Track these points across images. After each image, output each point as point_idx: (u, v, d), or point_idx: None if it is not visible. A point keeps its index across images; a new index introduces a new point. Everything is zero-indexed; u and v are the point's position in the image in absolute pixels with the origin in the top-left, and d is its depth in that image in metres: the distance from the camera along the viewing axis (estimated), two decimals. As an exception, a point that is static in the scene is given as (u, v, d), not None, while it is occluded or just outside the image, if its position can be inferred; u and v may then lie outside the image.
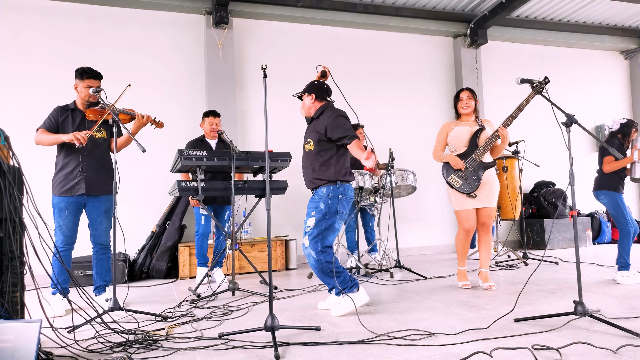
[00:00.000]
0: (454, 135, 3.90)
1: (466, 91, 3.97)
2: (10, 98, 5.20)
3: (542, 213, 6.88)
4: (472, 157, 3.78)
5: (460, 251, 3.97)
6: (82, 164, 3.50)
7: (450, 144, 3.95)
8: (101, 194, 3.57)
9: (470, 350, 2.19)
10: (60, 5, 5.49)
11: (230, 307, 3.38)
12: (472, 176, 3.76)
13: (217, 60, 5.86)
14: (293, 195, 5.89)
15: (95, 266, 3.63)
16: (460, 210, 3.81)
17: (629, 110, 8.10)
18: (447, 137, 3.95)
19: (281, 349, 2.33)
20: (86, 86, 3.51)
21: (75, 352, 2.33)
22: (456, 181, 3.78)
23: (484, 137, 3.82)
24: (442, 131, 4.00)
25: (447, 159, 3.84)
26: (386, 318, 2.90)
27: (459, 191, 3.77)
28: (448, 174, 3.83)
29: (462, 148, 3.87)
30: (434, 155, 3.99)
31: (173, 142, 5.42)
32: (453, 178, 3.80)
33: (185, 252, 5.06)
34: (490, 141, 3.75)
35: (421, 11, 6.65)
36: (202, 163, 3.82)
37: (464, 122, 3.95)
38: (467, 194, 3.75)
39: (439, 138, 3.99)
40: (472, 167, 3.77)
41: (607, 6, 6.86)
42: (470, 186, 3.75)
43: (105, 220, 3.60)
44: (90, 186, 3.52)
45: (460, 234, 3.90)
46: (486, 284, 3.83)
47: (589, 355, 2.08)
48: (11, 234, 2.17)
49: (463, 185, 3.76)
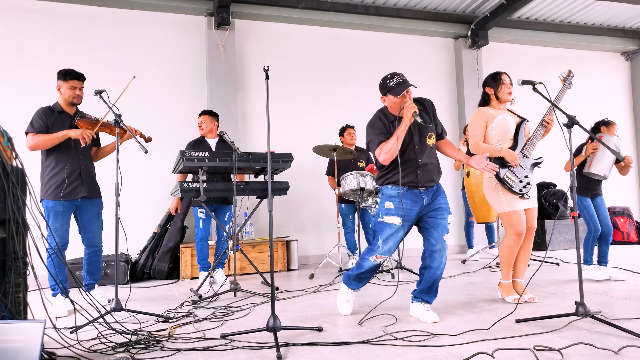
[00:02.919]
0: (498, 125, 3.29)
1: (506, 74, 3.39)
2: (12, 99, 5.21)
3: (543, 214, 6.88)
4: (522, 153, 3.27)
5: (508, 262, 3.31)
6: (81, 167, 3.56)
7: (492, 135, 3.31)
8: (97, 197, 3.69)
9: (472, 350, 2.20)
10: (62, 7, 5.51)
11: (232, 308, 3.39)
12: (525, 174, 3.26)
13: (218, 62, 5.87)
14: (294, 196, 5.91)
15: (87, 265, 3.70)
16: (513, 211, 3.21)
17: (630, 111, 8.11)
18: (486, 126, 3.32)
19: (283, 350, 2.33)
20: (70, 87, 3.56)
21: (78, 353, 2.33)
22: (512, 180, 3.22)
23: (527, 131, 3.36)
24: (479, 119, 3.33)
25: (502, 154, 3.20)
26: (387, 319, 2.91)
27: (513, 192, 3.22)
28: (502, 171, 3.22)
29: (507, 141, 3.31)
30: (476, 147, 3.30)
31: (175, 143, 5.43)
32: (508, 176, 3.21)
33: (187, 253, 5.06)
34: (538, 134, 3.29)
35: (422, 12, 6.67)
36: (204, 164, 3.82)
37: (501, 110, 3.38)
38: (521, 196, 3.24)
39: (477, 127, 3.31)
40: (524, 164, 3.27)
41: (607, 7, 6.87)
42: (524, 185, 3.25)
43: (97, 221, 3.68)
44: (90, 189, 3.60)
45: (511, 239, 3.25)
46: (527, 296, 3.27)
47: (590, 356, 2.08)
48: (14, 235, 2.17)
49: (517, 186, 3.23)
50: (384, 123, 2.89)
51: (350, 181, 4.62)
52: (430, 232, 2.86)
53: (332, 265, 5.48)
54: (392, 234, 2.83)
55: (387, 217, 2.83)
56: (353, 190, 4.66)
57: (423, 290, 2.91)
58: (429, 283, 2.88)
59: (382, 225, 2.84)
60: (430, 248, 2.86)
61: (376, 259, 2.88)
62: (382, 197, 2.90)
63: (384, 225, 2.84)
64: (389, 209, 2.83)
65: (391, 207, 2.82)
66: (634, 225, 7.30)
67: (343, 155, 5.10)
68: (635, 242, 7.21)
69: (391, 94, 2.84)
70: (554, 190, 6.96)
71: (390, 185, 2.88)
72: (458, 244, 6.89)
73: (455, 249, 6.86)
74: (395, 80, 2.84)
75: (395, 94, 2.81)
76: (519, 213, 3.22)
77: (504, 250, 3.31)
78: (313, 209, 6.20)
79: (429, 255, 2.86)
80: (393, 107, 2.88)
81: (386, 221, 2.83)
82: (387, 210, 2.83)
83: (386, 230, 2.83)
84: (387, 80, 2.87)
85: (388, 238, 2.84)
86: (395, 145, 2.75)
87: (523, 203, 3.26)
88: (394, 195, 2.84)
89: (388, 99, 2.90)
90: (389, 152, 2.77)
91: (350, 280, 3.06)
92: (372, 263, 2.90)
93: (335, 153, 5.01)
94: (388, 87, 2.86)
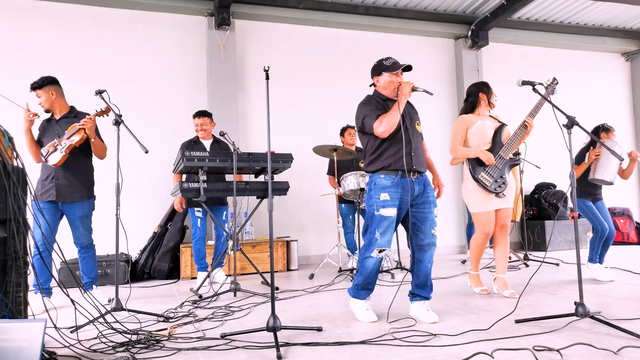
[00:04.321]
0: (477, 130, 3.54)
1: None
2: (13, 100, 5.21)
3: (543, 215, 6.89)
4: (499, 155, 3.49)
5: (476, 257, 3.68)
6: (55, 170, 3.61)
7: (472, 139, 3.56)
8: (73, 201, 3.65)
9: (472, 351, 2.20)
10: (62, 7, 5.52)
11: (232, 308, 3.39)
12: (500, 174, 3.48)
13: (219, 62, 5.88)
14: (294, 196, 5.91)
15: (80, 265, 3.79)
16: (481, 212, 3.49)
17: (630, 111, 8.11)
18: (467, 132, 3.58)
19: (283, 350, 2.33)
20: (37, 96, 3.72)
21: (78, 352, 2.34)
22: (487, 179, 3.44)
23: (506, 134, 3.58)
24: (461, 125, 3.60)
25: (477, 154, 3.45)
26: (387, 319, 2.91)
27: (489, 190, 3.44)
28: (477, 171, 3.47)
29: (485, 145, 3.55)
30: (454, 151, 3.59)
31: (175, 143, 5.43)
32: (483, 176, 3.44)
33: (187, 252, 5.07)
34: (517, 136, 3.49)
35: (422, 13, 6.67)
36: (204, 164, 3.83)
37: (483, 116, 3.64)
38: (497, 194, 3.46)
39: (458, 133, 3.59)
40: (499, 165, 3.49)
41: (608, 8, 6.87)
42: (499, 185, 3.46)
43: (82, 225, 3.70)
44: (61, 193, 3.61)
45: (479, 238, 3.57)
46: (507, 291, 3.49)
47: (590, 357, 2.08)
48: (15, 234, 2.18)
49: (492, 185, 3.45)
50: (377, 101, 2.94)
51: (350, 181, 4.62)
52: (419, 227, 2.86)
53: (332, 266, 5.48)
54: (389, 225, 2.81)
55: (384, 209, 2.79)
56: (353, 191, 4.67)
57: (419, 285, 2.92)
58: (423, 277, 2.90)
59: (379, 218, 2.80)
60: (419, 242, 2.86)
61: (377, 252, 2.82)
62: (376, 188, 2.84)
63: (381, 218, 2.80)
64: (385, 200, 2.79)
65: (387, 199, 2.79)
66: (633, 225, 7.31)
67: (343, 156, 5.11)
68: (635, 243, 7.21)
69: (386, 71, 2.90)
70: (554, 191, 6.97)
71: (383, 175, 2.84)
72: (458, 244, 6.90)
73: (455, 249, 6.87)
74: (392, 60, 2.94)
75: (392, 70, 2.88)
76: (488, 214, 3.48)
77: (472, 246, 3.65)
78: (313, 209, 6.21)
79: (418, 249, 2.87)
80: (387, 86, 2.92)
81: (383, 214, 2.79)
82: (384, 202, 2.79)
83: (383, 222, 2.80)
84: (382, 60, 2.95)
85: (385, 230, 2.80)
86: (396, 115, 2.76)
87: (496, 203, 3.48)
88: (388, 186, 2.81)
89: (382, 77, 2.94)
90: (389, 124, 2.77)
91: (359, 291, 2.96)
92: (375, 259, 2.83)
93: (336, 153, 5.01)
94: (384, 65, 2.92)
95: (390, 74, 2.89)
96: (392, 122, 2.77)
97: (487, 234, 3.51)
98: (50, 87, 3.67)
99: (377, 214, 2.82)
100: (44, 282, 3.57)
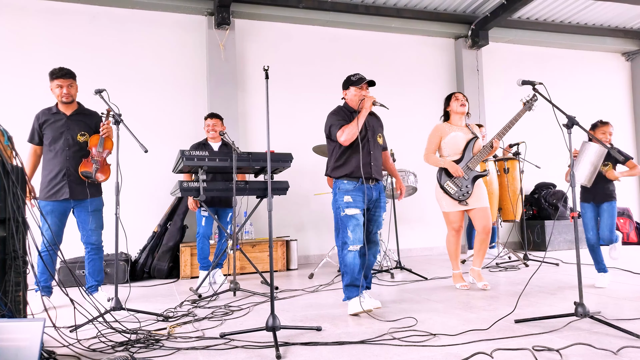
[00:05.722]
0: (450, 141, 3.88)
1: (459, 93, 4.04)
2: (12, 99, 5.21)
3: (543, 214, 6.89)
4: (467, 166, 3.82)
5: (453, 253, 3.98)
6: (66, 168, 3.55)
7: (445, 148, 3.91)
8: (86, 197, 3.60)
9: (471, 351, 2.20)
10: (62, 6, 5.51)
11: (232, 307, 3.39)
12: (466, 184, 3.81)
13: (218, 61, 5.87)
14: (294, 196, 5.91)
15: (87, 266, 3.70)
16: (450, 212, 3.88)
17: (630, 111, 8.11)
18: (440, 141, 3.92)
19: (282, 349, 2.33)
20: (56, 86, 3.58)
21: (77, 352, 2.34)
22: (452, 188, 3.83)
23: (477, 146, 3.88)
24: (435, 134, 3.95)
25: (446, 165, 3.82)
26: (387, 319, 2.91)
27: (452, 198, 3.83)
28: (444, 179, 3.86)
29: (456, 155, 3.88)
30: (427, 158, 3.96)
31: (175, 143, 5.44)
32: (449, 185, 3.83)
33: (187, 252, 5.07)
34: (485, 151, 3.82)
35: (422, 13, 6.66)
36: (203, 163, 3.83)
37: (457, 126, 3.94)
38: (459, 202, 3.82)
39: (432, 141, 3.94)
40: (467, 175, 3.81)
41: (608, 8, 6.86)
42: (463, 194, 3.81)
43: (94, 220, 3.64)
44: (74, 191, 3.56)
45: (450, 234, 3.95)
46: (480, 283, 3.85)
47: (589, 357, 2.08)
48: (14, 234, 2.18)
49: (457, 193, 3.82)
50: (345, 112, 3.30)
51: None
52: (368, 226, 3.29)
53: (331, 265, 5.48)
54: (357, 223, 3.14)
55: (349, 209, 3.15)
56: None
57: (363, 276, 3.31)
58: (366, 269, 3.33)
59: (347, 218, 3.15)
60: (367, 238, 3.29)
61: (353, 248, 3.12)
62: (339, 192, 3.21)
63: (348, 217, 3.14)
64: (348, 202, 3.16)
65: (350, 200, 3.16)
66: (633, 225, 7.30)
67: (343, 155, 5.10)
68: (635, 243, 7.21)
69: (353, 86, 3.26)
70: (553, 191, 6.96)
71: (347, 181, 3.20)
72: (458, 244, 6.89)
73: (455, 249, 6.86)
74: (358, 76, 3.29)
75: (357, 84, 3.24)
76: (456, 214, 3.88)
77: (447, 244, 4.02)
78: (313, 209, 6.20)
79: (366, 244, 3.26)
80: (353, 99, 3.27)
81: (348, 213, 3.14)
82: (347, 203, 3.16)
83: (351, 221, 3.13)
84: (350, 76, 3.31)
85: (355, 228, 3.13)
86: (356, 128, 3.13)
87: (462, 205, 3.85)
88: (350, 189, 3.18)
89: (349, 91, 3.30)
90: (350, 134, 3.13)
91: (350, 290, 3.16)
92: (353, 252, 3.12)
93: (335, 153, 5.00)
94: (351, 80, 3.28)
95: (355, 88, 3.25)
96: (353, 132, 3.13)
97: (457, 230, 3.92)
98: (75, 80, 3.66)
99: (343, 214, 3.16)
100: (45, 280, 3.56)
